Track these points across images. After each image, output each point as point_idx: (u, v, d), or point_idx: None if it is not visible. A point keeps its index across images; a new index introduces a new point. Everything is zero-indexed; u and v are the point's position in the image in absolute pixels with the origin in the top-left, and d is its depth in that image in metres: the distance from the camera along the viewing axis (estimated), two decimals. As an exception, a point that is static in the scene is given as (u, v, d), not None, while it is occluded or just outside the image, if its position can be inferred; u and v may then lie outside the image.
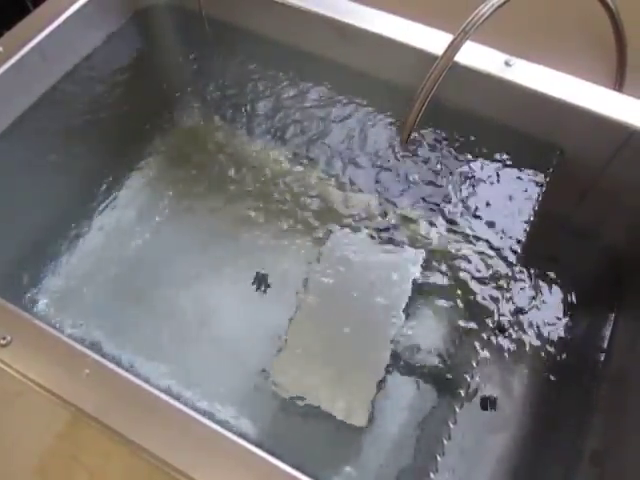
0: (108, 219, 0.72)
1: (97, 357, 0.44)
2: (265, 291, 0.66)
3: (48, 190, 0.66)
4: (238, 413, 0.57)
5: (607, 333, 0.64)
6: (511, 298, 0.66)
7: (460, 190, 0.62)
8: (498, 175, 0.61)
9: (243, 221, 0.71)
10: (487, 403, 0.62)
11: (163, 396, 0.42)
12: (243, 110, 0.76)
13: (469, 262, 0.59)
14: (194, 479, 0.40)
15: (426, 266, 0.60)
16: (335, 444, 0.56)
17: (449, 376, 0.57)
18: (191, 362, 0.61)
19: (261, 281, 0.67)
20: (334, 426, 0.53)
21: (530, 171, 0.60)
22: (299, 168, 0.73)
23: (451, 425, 0.48)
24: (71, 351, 0.44)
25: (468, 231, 0.60)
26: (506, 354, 0.64)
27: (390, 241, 0.62)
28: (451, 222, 0.61)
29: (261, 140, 0.76)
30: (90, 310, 0.65)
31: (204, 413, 0.42)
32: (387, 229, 0.64)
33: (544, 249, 0.66)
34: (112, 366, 0.43)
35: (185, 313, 0.65)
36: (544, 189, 0.59)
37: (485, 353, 0.63)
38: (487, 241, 0.59)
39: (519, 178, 0.60)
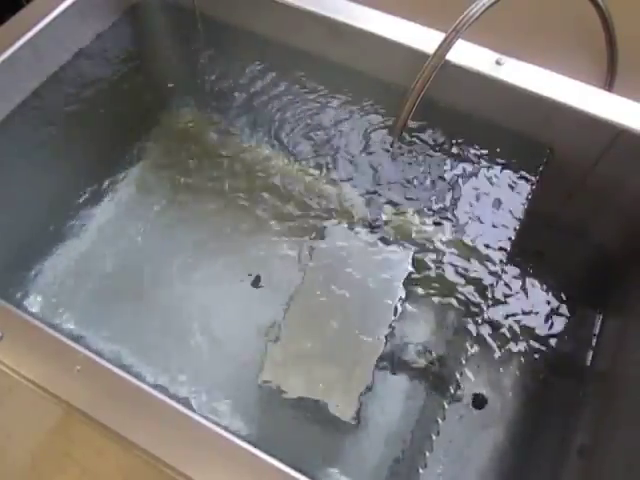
0: (102, 217, 0.72)
1: (88, 353, 0.44)
2: (257, 288, 0.67)
3: (41, 187, 0.66)
4: (230, 409, 0.58)
5: (595, 330, 0.65)
6: (500, 296, 0.67)
7: (450, 188, 0.62)
8: (488, 173, 0.62)
9: (237, 219, 0.71)
10: (476, 400, 0.62)
11: (154, 392, 0.43)
12: (236, 108, 0.76)
13: (459, 260, 0.60)
14: (185, 474, 0.40)
15: (416, 264, 0.60)
16: (325, 439, 0.56)
17: (439, 373, 0.58)
18: (183, 359, 0.62)
19: (254, 279, 0.67)
20: (325, 421, 0.54)
21: (520, 169, 0.61)
22: (292, 165, 0.73)
23: (440, 421, 0.49)
24: (62, 347, 0.44)
25: (458, 229, 0.61)
26: (495, 351, 0.64)
27: (381, 238, 0.63)
28: (441, 220, 0.62)
29: (254, 138, 0.76)
30: (82, 307, 0.65)
31: (196, 409, 0.43)
32: (379, 226, 0.64)
33: (533, 247, 0.67)
34: (103, 362, 0.43)
35: (178, 311, 0.65)
36: (534, 187, 0.59)
37: (474, 351, 0.63)
38: (477, 239, 0.60)
39: (509, 176, 0.61)
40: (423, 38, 0.59)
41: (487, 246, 0.59)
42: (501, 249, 0.58)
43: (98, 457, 0.62)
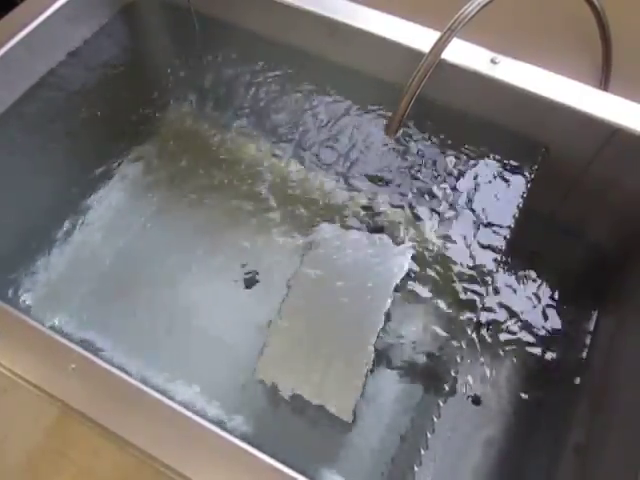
0: (95, 216, 0.71)
1: (83, 352, 0.44)
2: (252, 286, 0.67)
3: (37, 187, 0.65)
4: (225, 407, 0.58)
5: (590, 329, 0.65)
6: (496, 294, 0.67)
7: (446, 187, 0.63)
8: (484, 172, 0.62)
9: (232, 217, 0.71)
10: (472, 397, 0.62)
11: (150, 391, 0.43)
12: (231, 106, 0.76)
13: (454, 258, 0.60)
14: (182, 474, 0.40)
15: (412, 262, 0.60)
16: (321, 437, 0.56)
17: (434, 371, 0.58)
18: (178, 357, 0.62)
19: (248, 276, 0.67)
20: (320, 420, 0.54)
21: (515, 168, 0.61)
22: (287, 163, 0.73)
23: (435, 419, 0.49)
24: (57, 346, 0.44)
25: (454, 227, 0.61)
26: (491, 349, 0.65)
27: (378, 237, 0.63)
28: (437, 218, 0.62)
29: (249, 136, 0.76)
30: (77, 305, 0.65)
31: (191, 408, 0.43)
32: (374, 225, 0.64)
33: (529, 246, 0.67)
34: (98, 361, 0.43)
35: (173, 309, 0.65)
36: (529, 186, 0.59)
37: (470, 349, 0.63)
38: (472, 237, 0.60)
39: (504, 175, 0.61)
40: (419, 37, 0.59)
41: (482, 245, 0.59)
42: (496, 248, 0.58)
43: (94, 457, 0.61)
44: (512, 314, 0.66)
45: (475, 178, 0.62)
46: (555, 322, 0.66)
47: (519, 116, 0.59)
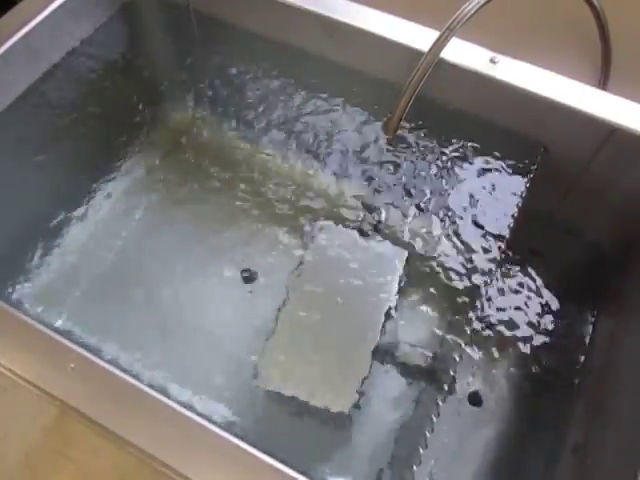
0: (95, 216, 0.71)
1: (82, 351, 0.44)
2: (251, 286, 0.67)
3: (34, 187, 0.65)
4: (225, 407, 0.58)
5: (589, 328, 0.65)
6: (495, 294, 0.67)
7: (445, 186, 0.63)
8: (483, 171, 0.62)
9: (230, 216, 0.71)
10: (471, 397, 0.62)
11: (150, 390, 0.43)
12: (230, 105, 0.76)
13: (453, 258, 0.60)
14: (182, 474, 0.40)
15: (410, 262, 0.60)
16: (320, 438, 0.56)
17: (433, 371, 0.58)
18: (178, 357, 0.62)
19: (247, 275, 0.67)
20: (319, 419, 0.54)
21: (514, 168, 0.61)
22: (285, 163, 0.73)
23: (434, 418, 0.49)
24: (56, 345, 0.44)
25: (453, 227, 0.61)
26: (490, 349, 0.65)
27: (375, 237, 0.63)
28: (435, 218, 0.62)
29: (247, 135, 0.76)
30: (76, 305, 0.65)
31: (191, 407, 0.43)
32: (373, 224, 0.64)
33: (528, 245, 0.67)
34: (97, 360, 0.43)
35: (172, 309, 0.65)
36: (528, 186, 0.59)
37: (469, 348, 0.64)
38: (472, 237, 0.60)
39: (503, 175, 0.61)
40: (418, 36, 0.59)
41: (481, 245, 0.59)
42: (496, 247, 0.58)
43: (93, 456, 0.61)
44: (511, 314, 0.66)
45: (474, 178, 0.62)
46: (554, 322, 0.66)
47: (518, 116, 0.59)
